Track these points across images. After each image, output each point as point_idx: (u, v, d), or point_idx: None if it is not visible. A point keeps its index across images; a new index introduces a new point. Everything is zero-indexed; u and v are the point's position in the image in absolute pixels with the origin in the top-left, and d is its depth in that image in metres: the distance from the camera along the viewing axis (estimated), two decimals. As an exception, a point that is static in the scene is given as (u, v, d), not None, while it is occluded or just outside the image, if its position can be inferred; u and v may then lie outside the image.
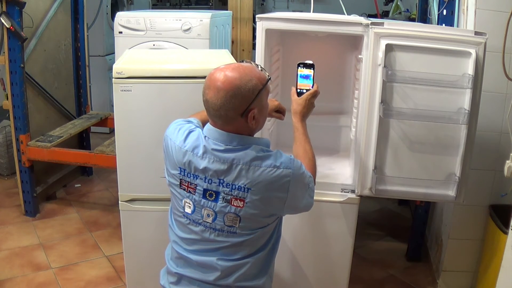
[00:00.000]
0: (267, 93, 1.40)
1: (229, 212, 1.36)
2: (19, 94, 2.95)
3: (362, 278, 2.61)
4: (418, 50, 1.78)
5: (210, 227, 1.39)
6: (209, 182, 1.36)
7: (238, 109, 1.31)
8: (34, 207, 3.18)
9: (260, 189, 1.33)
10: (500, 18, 2.02)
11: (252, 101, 1.32)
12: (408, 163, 1.89)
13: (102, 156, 2.88)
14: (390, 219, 3.35)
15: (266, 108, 1.43)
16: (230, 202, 1.35)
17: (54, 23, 3.38)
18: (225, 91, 1.29)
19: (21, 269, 2.61)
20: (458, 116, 1.80)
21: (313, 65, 1.67)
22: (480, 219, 2.31)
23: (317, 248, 2.10)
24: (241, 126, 1.35)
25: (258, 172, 1.33)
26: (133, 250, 2.14)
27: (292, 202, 1.40)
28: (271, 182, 1.34)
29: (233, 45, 3.41)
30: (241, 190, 1.33)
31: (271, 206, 1.37)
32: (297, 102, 1.62)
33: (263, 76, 1.37)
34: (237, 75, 1.31)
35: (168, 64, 2.12)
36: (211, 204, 1.37)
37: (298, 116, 1.60)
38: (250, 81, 1.31)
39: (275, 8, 6.73)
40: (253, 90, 1.32)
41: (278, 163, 1.34)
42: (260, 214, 1.37)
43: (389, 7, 5.50)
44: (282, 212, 1.43)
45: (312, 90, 1.64)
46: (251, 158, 1.33)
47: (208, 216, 1.38)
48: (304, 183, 1.42)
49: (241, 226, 1.37)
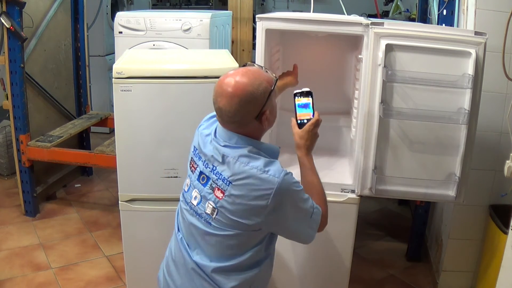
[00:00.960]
0: (276, 93, 1.43)
1: (210, 200, 1.37)
2: (19, 94, 2.95)
3: (362, 278, 2.61)
4: (418, 50, 1.78)
5: (193, 210, 1.42)
6: (206, 165, 1.40)
7: (253, 113, 1.34)
8: (34, 207, 3.18)
9: (240, 186, 1.32)
10: (500, 18, 2.02)
11: (264, 104, 1.34)
12: (408, 163, 1.89)
13: (102, 156, 2.88)
14: (390, 219, 3.35)
15: (275, 106, 1.45)
16: (213, 190, 1.36)
17: (54, 23, 3.38)
18: (239, 98, 1.31)
19: (21, 269, 2.61)
20: (458, 116, 1.80)
21: (310, 92, 1.55)
22: (480, 219, 2.31)
23: (317, 248, 2.10)
24: (254, 128, 1.38)
25: (243, 168, 1.32)
26: (133, 250, 2.14)
27: (277, 217, 1.34)
28: (253, 184, 1.31)
29: (233, 45, 3.41)
30: (224, 181, 1.34)
31: (248, 210, 1.32)
32: (299, 135, 1.53)
33: (271, 78, 1.39)
34: (248, 80, 1.32)
35: (168, 64, 2.12)
36: (200, 187, 1.40)
37: (303, 150, 1.52)
38: (260, 85, 1.33)
39: (275, 8, 6.73)
40: (264, 93, 1.34)
41: (267, 168, 1.32)
42: (235, 213, 1.33)
43: (389, 7, 5.50)
44: (263, 224, 1.34)
45: (313, 119, 1.52)
46: (240, 154, 1.34)
47: (195, 198, 1.41)
48: (298, 205, 1.37)
49: (216, 218, 1.36)
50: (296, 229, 1.40)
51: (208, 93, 1.97)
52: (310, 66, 2.35)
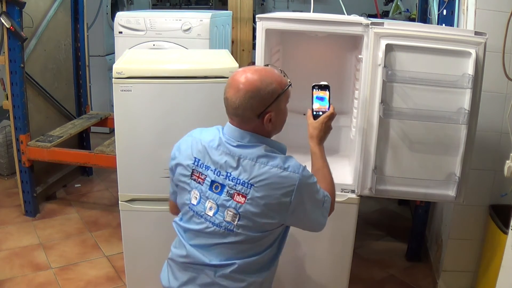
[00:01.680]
0: (286, 98, 1.42)
1: (230, 207, 1.35)
2: (19, 94, 2.95)
3: (362, 278, 2.61)
4: (418, 50, 1.78)
5: (210, 221, 1.39)
6: (218, 174, 1.38)
7: (256, 110, 1.35)
8: (34, 207, 3.18)
9: (263, 187, 1.33)
10: (500, 18, 2.02)
11: (270, 104, 1.35)
12: (408, 163, 1.89)
13: (102, 156, 2.88)
14: (390, 219, 3.35)
15: (285, 113, 1.45)
16: (232, 196, 1.35)
17: (54, 23, 3.38)
18: (245, 91, 1.33)
19: (21, 269, 2.61)
20: (458, 116, 1.80)
21: (328, 86, 1.63)
22: (480, 219, 2.31)
23: (317, 248, 2.10)
24: (257, 126, 1.38)
25: (263, 169, 1.33)
26: (133, 250, 2.14)
27: (298, 211, 1.37)
28: (276, 183, 1.33)
29: (233, 45, 3.41)
30: (244, 185, 1.34)
31: (273, 209, 1.34)
32: (313, 126, 1.59)
33: (284, 81, 1.40)
34: (258, 77, 1.34)
35: (168, 64, 2.12)
36: (215, 197, 1.38)
37: (315, 140, 1.58)
38: (270, 84, 1.35)
39: (275, 8, 6.73)
40: (272, 93, 1.35)
41: (286, 165, 1.34)
42: (261, 215, 1.34)
43: (389, 7, 5.50)
44: (286, 219, 1.38)
45: (328, 112, 1.60)
46: (258, 155, 1.35)
47: (211, 209, 1.39)
48: (314, 196, 1.41)
49: (239, 224, 1.35)
50: (313, 219, 1.44)
51: (208, 93, 1.98)
52: (310, 66, 2.35)
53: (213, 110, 1.98)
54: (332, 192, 1.53)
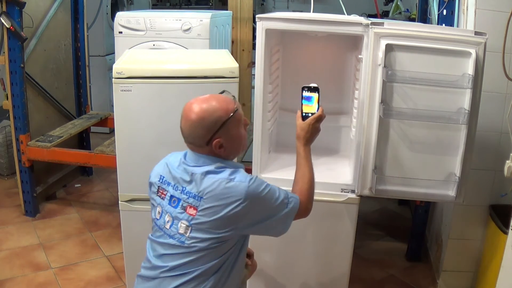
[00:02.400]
0: (237, 123, 1.46)
1: (183, 219, 1.43)
2: (19, 94, 2.95)
3: (362, 278, 2.61)
4: (418, 50, 1.78)
5: (167, 233, 1.47)
6: (176, 189, 1.47)
7: (203, 138, 1.42)
8: (34, 207, 3.18)
9: (210, 198, 1.39)
10: (500, 18, 2.02)
11: (216, 131, 1.42)
12: (408, 163, 1.89)
13: (102, 156, 2.88)
14: (390, 219, 3.35)
15: (238, 137, 1.48)
16: (185, 209, 1.43)
17: (54, 23, 3.38)
18: (191, 121, 1.42)
19: (21, 269, 2.61)
20: (458, 116, 1.80)
21: (317, 88, 1.64)
22: (480, 219, 2.31)
23: (317, 248, 2.10)
24: (210, 152, 1.45)
25: (210, 181, 1.40)
26: (133, 250, 2.14)
27: (251, 221, 1.41)
28: (222, 193, 1.38)
29: (233, 45, 3.41)
30: (195, 198, 1.41)
31: (223, 220, 1.38)
32: (301, 126, 1.62)
33: (231, 107, 1.44)
34: (205, 107, 1.42)
35: (168, 64, 2.12)
36: (172, 210, 1.46)
37: (302, 141, 1.61)
38: (214, 113, 1.41)
39: (275, 8, 6.74)
40: (216, 121, 1.41)
41: (232, 176, 1.40)
42: (211, 226, 1.39)
43: (389, 7, 5.50)
44: (238, 229, 1.41)
45: (316, 114, 1.62)
46: (207, 170, 1.42)
47: (168, 222, 1.47)
48: (269, 204, 1.43)
49: (190, 236, 1.41)
50: (270, 226, 1.46)
51: (208, 93, 1.98)
52: (310, 66, 2.35)
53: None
54: (307, 191, 1.55)
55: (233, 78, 1.99)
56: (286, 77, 2.36)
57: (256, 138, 2.06)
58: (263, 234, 1.51)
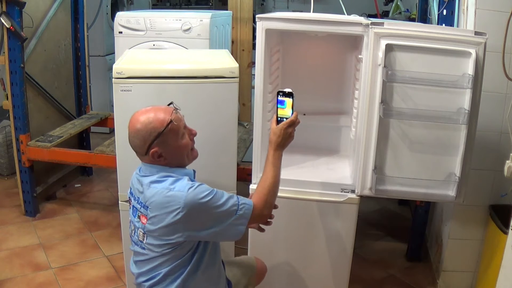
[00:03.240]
0: (174, 133, 1.50)
1: (139, 227, 1.52)
2: (19, 94, 2.95)
3: (362, 278, 2.61)
4: (418, 50, 1.78)
5: (133, 240, 1.58)
6: (134, 199, 1.56)
7: (141, 148, 1.50)
8: (34, 207, 3.18)
9: (154, 207, 1.45)
10: (500, 18, 2.02)
11: (151, 142, 1.47)
12: (408, 163, 1.89)
13: (102, 156, 2.88)
14: (390, 219, 3.35)
15: (176, 146, 1.51)
16: (140, 218, 1.51)
17: (54, 23, 3.38)
18: (130, 133, 1.51)
19: (21, 269, 2.61)
20: (458, 116, 1.80)
21: (291, 93, 1.62)
22: (480, 219, 2.31)
23: (317, 248, 2.10)
24: (152, 161, 1.51)
25: (153, 191, 1.46)
26: (133, 250, 2.14)
27: (196, 228, 1.45)
28: (163, 202, 1.43)
29: (233, 45, 3.41)
30: (144, 207, 1.49)
31: (167, 227, 1.43)
32: (273, 131, 1.62)
33: (166, 119, 1.48)
34: (142, 119, 1.48)
35: (168, 64, 2.12)
36: (133, 219, 1.56)
37: (272, 145, 1.61)
38: (149, 124, 1.47)
39: (275, 8, 6.73)
40: (151, 132, 1.47)
41: (173, 186, 1.44)
42: (159, 233, 1.45)
43: (389, 7, 5.49)
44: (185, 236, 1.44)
45: (289, 119, 1.61)
46: (151, 181, 1.49)
47: (132, 230, 1.58)
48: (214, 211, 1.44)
49: (147, 242, 1.50)
50: (221, 232, 1.48)
51: (208, 93, 1.99)
52: (310, 66, 2.35)
53: (213, 110, 1.98)
54: (264, 197, 1.55)
55: (233, 78, 1.99)
56: (286, 77, 2.36)
57: (256, 138, 2.06)
58: (215, 240, 1.56)
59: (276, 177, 1.59)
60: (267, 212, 1.57)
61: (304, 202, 2.03)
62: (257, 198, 1.55)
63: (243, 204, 1.50)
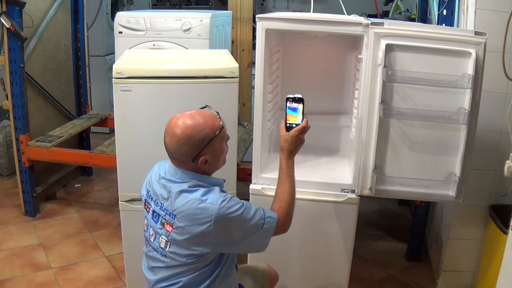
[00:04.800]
0: (221, 139, 1.48)
1: (162, 234, 1.47)
2: (19, 94, 2.95)
3: (362, 278, 2.61)
4: (418, 50, 1.78)
5: (152, 246, 1.52)
6: (156, 204, 1.50)
7: (190, 155, 1.43)
8: (34, 207, 3.18)
9: (183, 218, 1.41)
10: (500, 18, 2.02)
11: (202, 149, 1.43)
12: (408, 163, 1.89)
13: (102, 156, 2.88)
14: (390, 219, 3.35)
15: (221, 151, 1.50)
16: (164, 225, 1.47)
17: (54, 23, 3.38)
18: (177, 139, 1.42)
19: (21, 269, 2.61)
20: (458, 116, 1.80)
21: (302, 99, 1.60)
22: (480, 219, 2.31)
23: (317, 248, 2.10)
24: (193, 168, 1.46)
25: (183, 201, 1.41)
26: (133, 250, 2.14)
27: (224, 240, 1.43)
28: (194, 214, 1.39)
29: (233, 45, 3.41)
30: (171, 216, 1.44)
31: (195, 238, 1.41)
32: (284, 138, 1.59)
33: (217, 125, 1.45)
34: (191, 124, 1.41)
35: (168, 64, 2.12)
36: (154, 225, 1.50)
37: (285, 154, 1.59)
38: (201, 131, 1.42)
39: (275, 8, 6.73)
40: (204, 139, 1.42)
41: (205, 197, 1.40)
42: (185, 243, 1.42)
43: (389, 7, 5.49)
44: (211, 248, 1.43)
45: (300, 125, 1.59)
46: (181, 189, 1.43)
47: (152, 235, 1.52)
48: (244, 224, 1.43)
49: (170, 251, 1.46)
50: (248, 245, 1.48)
51: (208, 93, 1.99)
52: (310, 66, 2.35)
53: (211, 110, 1.98)
54: (286, 210, 1.54)
55: (233, 78, 1.99)
56: (286, 77, 2.36)
57: (256, 138, 2.06)
58: (240, 252, 1.54)
59: (293, 187, 1.58)
60: (289, 225, 1.56)
61: (304, 202, 2.02)
62: (280, 212, 1.52)
63: (268, 218, 1.48)
